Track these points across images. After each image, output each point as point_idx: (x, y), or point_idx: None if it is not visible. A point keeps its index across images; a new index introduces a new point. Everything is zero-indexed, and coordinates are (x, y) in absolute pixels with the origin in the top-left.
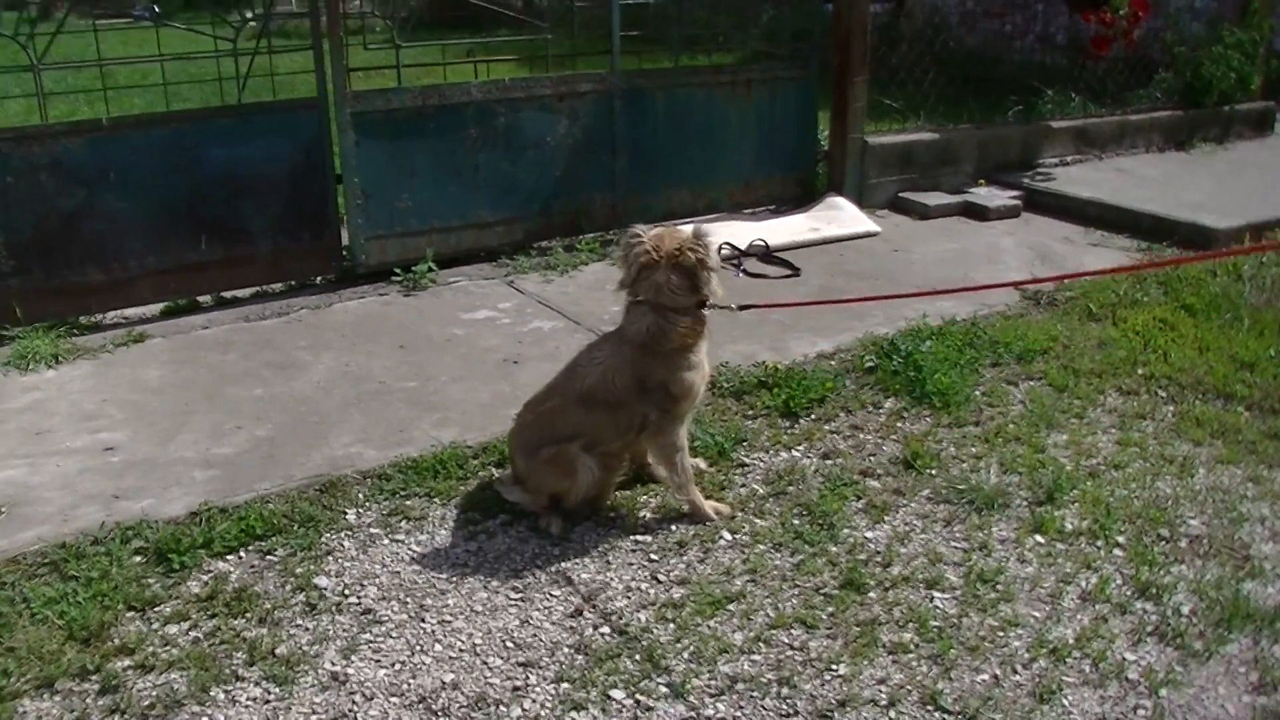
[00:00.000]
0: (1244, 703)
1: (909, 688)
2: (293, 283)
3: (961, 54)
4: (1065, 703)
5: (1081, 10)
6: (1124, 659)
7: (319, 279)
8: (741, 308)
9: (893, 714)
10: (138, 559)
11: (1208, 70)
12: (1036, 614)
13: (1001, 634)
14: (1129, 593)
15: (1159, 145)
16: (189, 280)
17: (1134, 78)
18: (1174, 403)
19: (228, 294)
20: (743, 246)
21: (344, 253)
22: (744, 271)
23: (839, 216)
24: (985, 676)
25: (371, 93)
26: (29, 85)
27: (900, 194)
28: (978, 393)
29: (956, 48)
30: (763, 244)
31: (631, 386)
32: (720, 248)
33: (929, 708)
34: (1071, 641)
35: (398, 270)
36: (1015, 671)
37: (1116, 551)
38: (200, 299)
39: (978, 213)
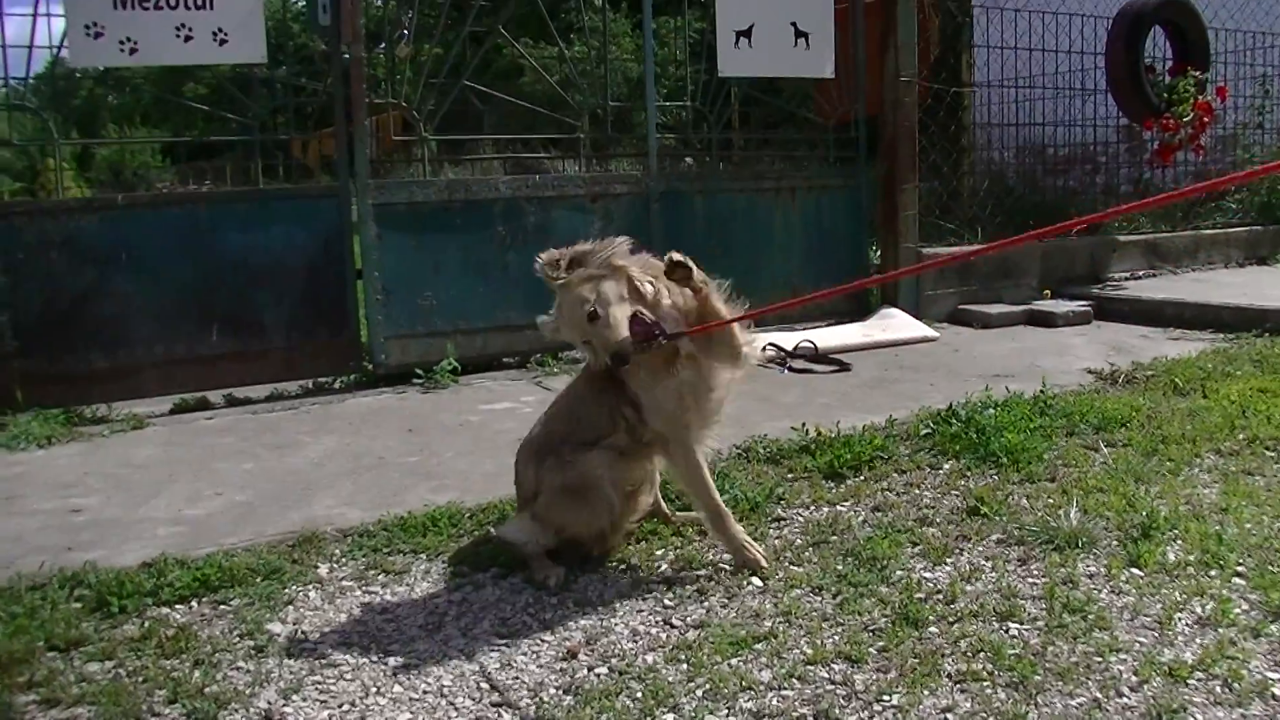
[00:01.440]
0: None
1: (983, 714)
2: (309, 384)
3: (1025, 207)
4: None
5: (1143, 119)
6: (1266, 678)
7: (336, 381)
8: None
9: None
10: (76, 604)
11: None
12: (1142, 640)
13: (1099, 659)
14: (1259, 616)
15: (1238, 260)
16: (197, 373)
17: (1207, 194)
18: None
19: (240, 393)
20: (789, 349)
21: (363, 352)
22: (789, 369)
23: (893, 324)
24: (1083, 700)
25: (395, 184)
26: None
27: (960, 306)
28: (1051, 455)
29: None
30: (810, 345)
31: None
32: (764, 348)
33: None
34: (1193, 663)
35: (419, 371)
36: (1121, 694)
37: (1237, 580)
38: (210, 398)
39: (1044, 320)
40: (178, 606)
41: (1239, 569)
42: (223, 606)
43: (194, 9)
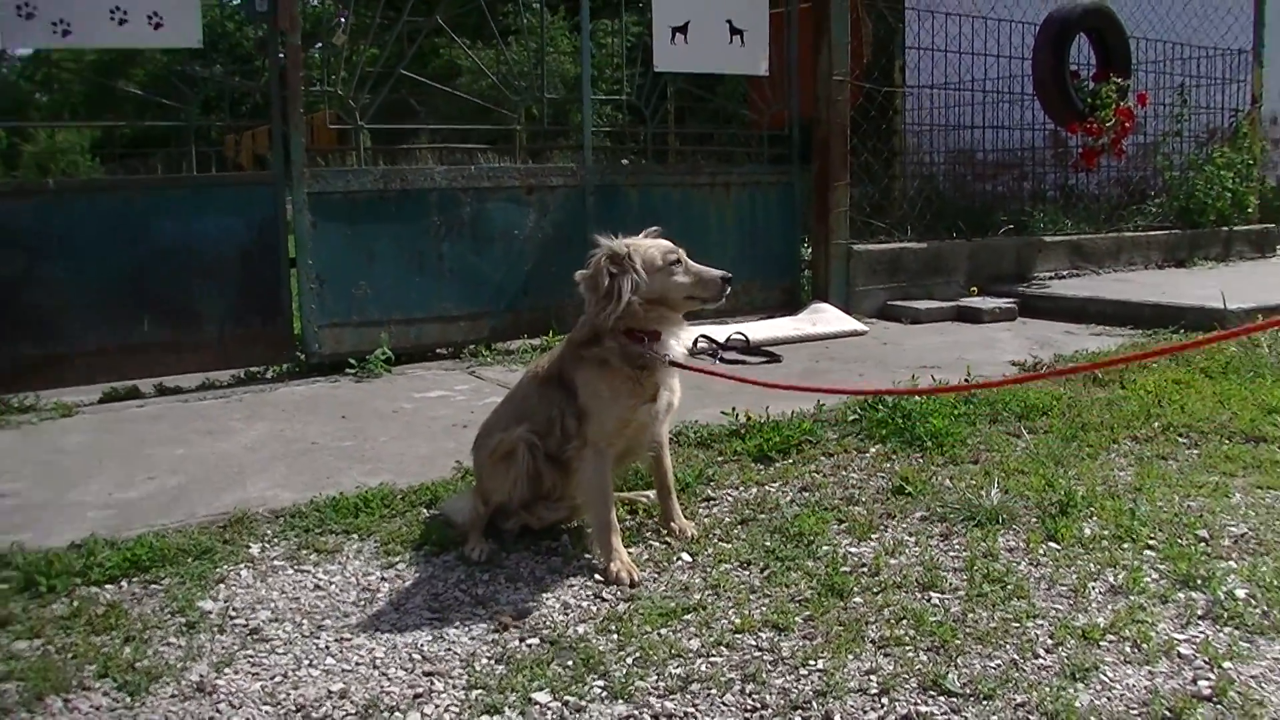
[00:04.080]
0: None
1: (905, 676)
2: (241, 373)
3: (953, 211)
4: (1105, 678)
5: (1068, 123)
6: (1172, 638)
7: (269, 370)
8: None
9: (885, 701)
10: (3, 585)
11: (1202, 192)
12: (1058, 606)
13: (1017, 624)
14: (1167, 585)
15: (1158, 262)
16: (130, 362)
17: (1129, 198)
18: (1197, 446)
19: (170, 382)
20: (721, 341)
21: (296, 341)
22: (721, 360)
23: (824, 318)
24: (1000, 661)
25: (330, 172)
26: None
27: (890, 302)
28: (974, 440)
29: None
30: (742, 338)
31: (555, 371)
32: (696, 340)
33: (931, 692)
34: (1105, 626)
35: (353, 361)
36: (1037, 655)
37: (1148, 552)
38: (141, 387)
39: (972, 316)
40: (108, 586)
41: (1150, 542)
42: (153, 585)
43: None
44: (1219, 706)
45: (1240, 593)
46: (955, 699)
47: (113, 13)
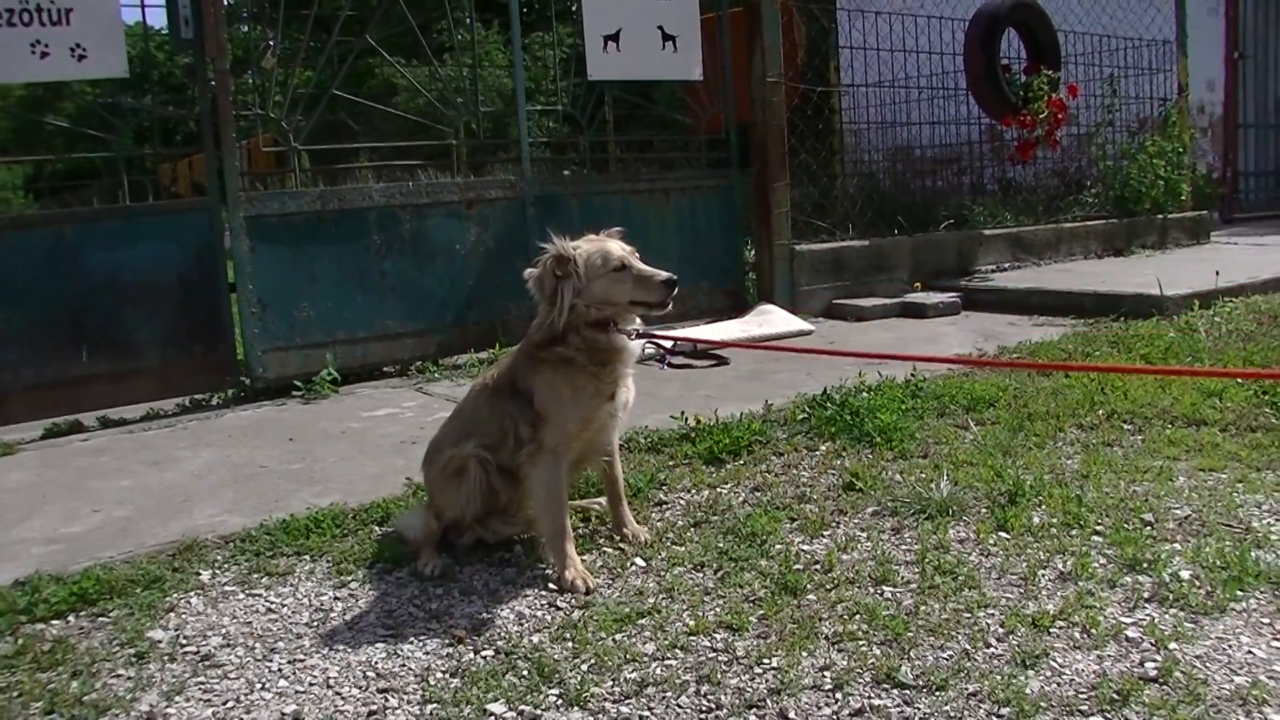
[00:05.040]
0: (1274, 646)
1: (858, 670)
2: (185, 401)
3: (894, 207)
4: (1054, 664)
5: (1002, 117)
6: (1120, 622)
7: (214, 397)
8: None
9: (840, 696)
10: None
11: (1136, 180)
12: (1009, 595)
13: (968, 615)
14: (1115, 569)
15: (1097, 251)
16: (69, 396)
17: (1066, 189)
18: (1141, 432)
19: (114, 414)
20: (669, 345)
21: (240, 366)
22: (669, 364)
23: (770, 319)
24: (952, 651)
25: (267, 195)
26: None
27: (835, 301)
28: (923, 434)
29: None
30: (689, 343)
31: (507, 380)
32: (644, 346)
33: (884, 685)
34: (1054, 613)
35: (299, 383)
36: (989, 645)
37: (1095, 538)
38: (84, 421)
39: (916, 311)
40: (54, 622)
41: (1098, 528)
42: (101, 618)
43: (50, 25)
44: (1165, 687)
45: (1185, 574)
46: (909, 691)
47: (33, 46)
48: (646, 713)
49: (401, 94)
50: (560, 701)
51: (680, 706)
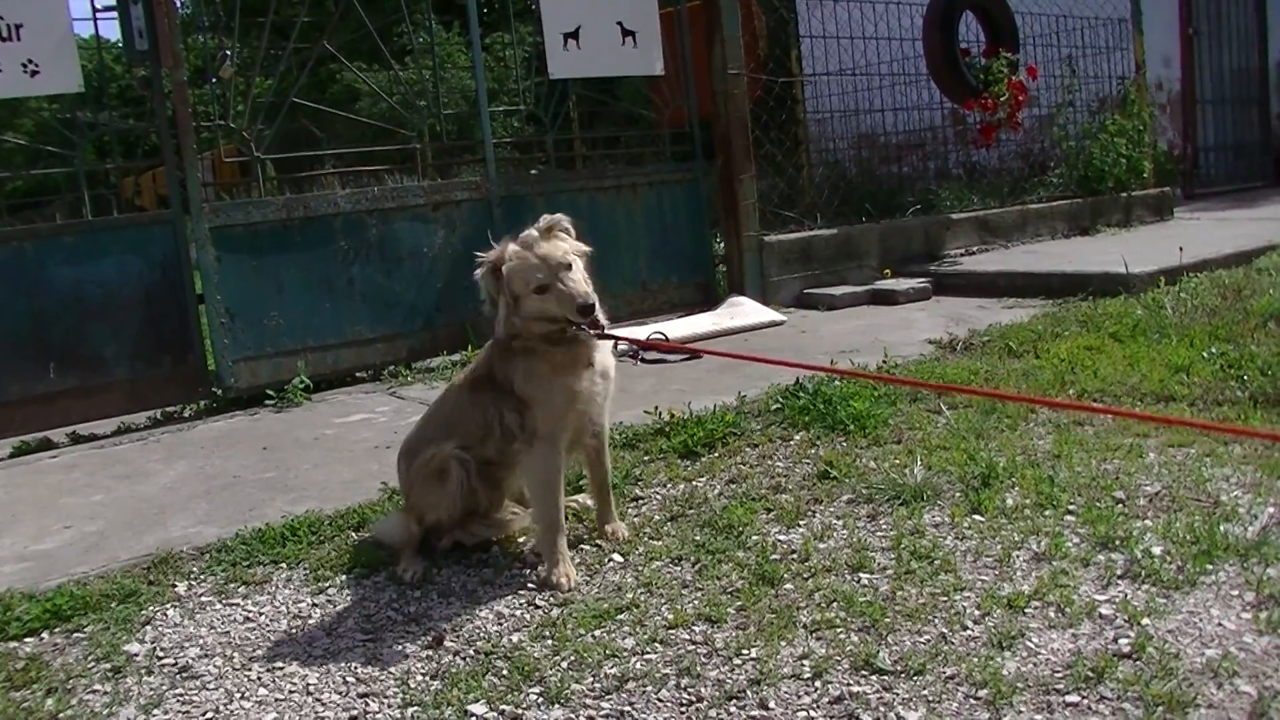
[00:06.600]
0: (1244, 618)
1: (837, 657)
2: (157, 414)
3: (860, 195)
4: (1031, 644)
5: (964, 101)
6: (1093, 600)
7: (185, 409)
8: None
9: (819, 683)
10: None
11: (1099, 160)
12: (984, 578)
13: (945, 598)
14: (1088, 548)
15: (1064, 232)
16: (38, 414)
17: (1030, 171)
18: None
19: (85, 430)
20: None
21: (211, 377)
22: (642, 360)
23: (742, 310)
24: (929, 636)
25: (231, 205)
26: None
27: (805, 290)
28: (896, 420)
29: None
30: (661, 336)
31: (485, 372)
32: (616, 344)
33: (863, 672)
34: (1029, 593)
35: (271, 392)
36: (965, 628)
37: (1069, 518)
38: (53, 438)
39: (887, 298)
40: (27, 639)
41: (1070, 508)
42: (76, 634)
43: (1, 41)
44: (1138, 663)
45: (1156, 550)
46: (887, 677)
47: None
48: (627, 708)
49: (364, 99)
50: (541, 700)
51: (661, 700)
